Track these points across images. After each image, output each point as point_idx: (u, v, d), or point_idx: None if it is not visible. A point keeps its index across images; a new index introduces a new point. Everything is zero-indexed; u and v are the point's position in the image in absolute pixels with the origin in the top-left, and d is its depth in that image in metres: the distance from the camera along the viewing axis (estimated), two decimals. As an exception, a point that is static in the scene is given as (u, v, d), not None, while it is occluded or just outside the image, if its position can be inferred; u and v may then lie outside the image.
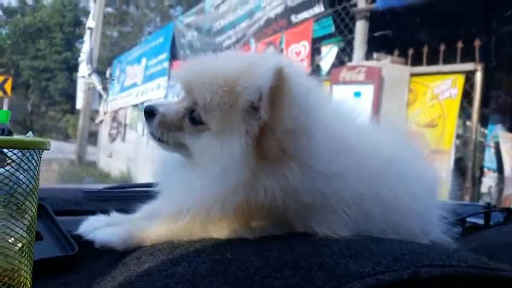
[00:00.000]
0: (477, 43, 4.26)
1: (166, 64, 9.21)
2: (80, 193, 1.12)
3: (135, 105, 10.50)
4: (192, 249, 0.65)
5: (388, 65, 4.84)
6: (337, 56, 5.32)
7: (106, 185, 1.28)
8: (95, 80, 11.73)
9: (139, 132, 10.06)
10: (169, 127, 0.76)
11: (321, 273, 0.55)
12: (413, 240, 0.81)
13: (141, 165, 9.43)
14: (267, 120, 0.69)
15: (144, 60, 10.40)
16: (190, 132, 0.76)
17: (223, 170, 0.70)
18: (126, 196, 1.14)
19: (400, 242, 0.75)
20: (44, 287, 0.69)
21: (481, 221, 1.25)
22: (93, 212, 0.94)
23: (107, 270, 0.68)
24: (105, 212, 0.89)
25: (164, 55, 9.36)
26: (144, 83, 10.18)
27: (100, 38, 12.38)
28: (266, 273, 0.54)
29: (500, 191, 4.64)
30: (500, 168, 4.74)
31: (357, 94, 4.70)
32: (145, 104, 0.78)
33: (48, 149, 0.59)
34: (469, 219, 1.24)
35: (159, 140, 0.78)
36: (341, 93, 4.75)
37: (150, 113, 0.77)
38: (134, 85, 10.71)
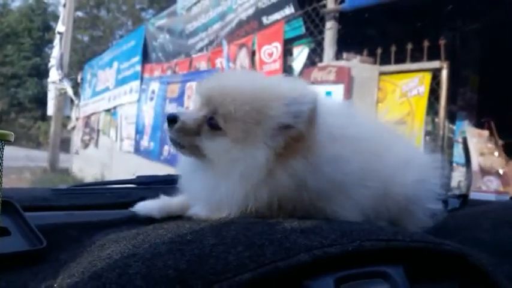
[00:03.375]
0: (442, 41, 4.38)
1: (138, 67, 9.12)
2: (48, 191, 1.13)
3: (108, 110, 10.35)
4: (154, 234, 0.68)
5: (358, 65, 4.93)
6: (308, 57, 5.40)
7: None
8: (66, 85, 11.54)
9: (112, 138, 9.91)
10: (187, 132, 0.86)
11: (271, 248, 0.59)
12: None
13: (115, 171, 9.31)
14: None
15: (115, 64, 10.28)
16: (207, 137, 0.85)
17: (242, 174, 0.80)
18: (93, 193, 1.16)
19: (350, 222, 0.80)
20: (11, 279, 0.71)
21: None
22: (61, 208, 0.96)
23: (73, 259, 0.70)
24: (72, 207, 0.92)
25: (136, 58, 9.26)
26: (116, 87, 10.05)
27: (70, 43, 12.19)
28: (221, 250, 0.58)
29: (468, 184, 4.77)
30: (468, 163, 4.88)
31: (328, 93, 4.78)
32: (168, 113, 0.87)
33: (11, 141, 0.61)
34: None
35: (178, 145, 0.87)
36: (312, 93, 4.81)
37: (172, 120, 0.85)
38: (106, 89, 10.57)
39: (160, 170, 7.09)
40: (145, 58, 9.07)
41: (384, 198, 0.92)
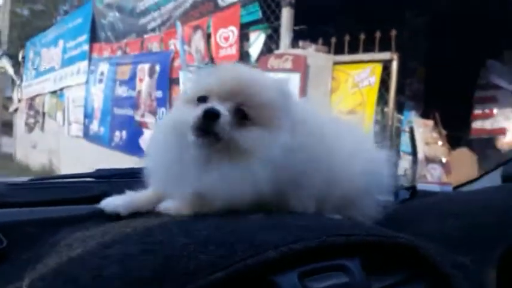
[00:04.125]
0: (393, 33, 4.51)
1: (86, 47, 8.56)
2: (3, 186, 1.09)
3: (54, 92, 9.76)
4: (123, 234, 0.69)
5: (313, 54, 4.99)
6: (265, 43, 5.37)
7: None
8: (6, 63, 10.83)
9: (59, 121, 9.40)
10: (227, 126, 0.87)
11: (241, 245, 0.62)
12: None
13: (63, 157, 8.92)
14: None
15: (61, 43, 9.59)
16: (239, 128, 0.87)
17: (271, 159, 0.85)
18: (50, 187, 1.14)
19: (312, 217, 0.84)
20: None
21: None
22: (18, 204, 0.93)
23: (36, 259, 0.69)
24: (31, 203, 0.90)
25: (83, 37, 8.66)
26: (62, 68, 9.41)
27: (9, 17, 11.43)
28: (193, 249, 0.60)
29: (414, 172, 4.98)
30: (414, 152, 5.09)
31: (285, 82, 4.80)
32: (206, 108, 0.86)
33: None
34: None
35: (216, 138, 0.86)
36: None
37: (213, 115, 0.85)
38: (51, 70, 9.90)
39: (111, 156, 6.90)
40: (94, 37, 8.54)
41: (334, 189, 0.97)
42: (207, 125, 0.85)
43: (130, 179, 1.27)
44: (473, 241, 0.94)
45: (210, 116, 0.85)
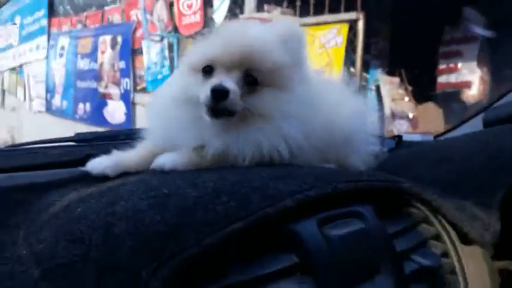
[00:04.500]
0: (359, -8, 4.48)
1: (44, 22, 8.32)
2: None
3: (13, 69, 9.46)
4: (124, 191, 0.64)
5: (279, 17, 4.91)
6: (230, 9, 5.26)
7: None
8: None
9: (20, 98, 9.17)
10: (238, 99, 0.84)
11: (256, 195, 0.58)
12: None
13: (26, 132, 8.69)
14: None
15: (18, 19, 9.30)
16: (253, 95, 0.85)
17: (292, 116, 0.85)
18: (30, 153, 1.06)
19: (315, 167, 0.82)
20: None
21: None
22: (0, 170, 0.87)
23: (28, 223, 0.64)
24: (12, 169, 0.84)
25: (41, 12, 8.41)
26: (21, 44, 9.17)
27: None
28: (206, 201, 0.56)
29: (382, 128, 5.06)
30: (381, 108, 5.16)
31: (251, 45, 4.73)
32: (213, 87, 0.82)
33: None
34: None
35: (230, 113, 0.83)
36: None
37: (223, 93, 0.82)
38: (10, 46, 9.61)
39: (76, 128, 6.75)
40: (52, 12, 8.29)
41: (330, 133, 0.96)
42: (217, 104, 0.82)
43: (111, 141, 1.21)
44: (471, 184, 0.93)
45: (219, 95, 0.81)
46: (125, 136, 1.19)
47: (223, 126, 0.85)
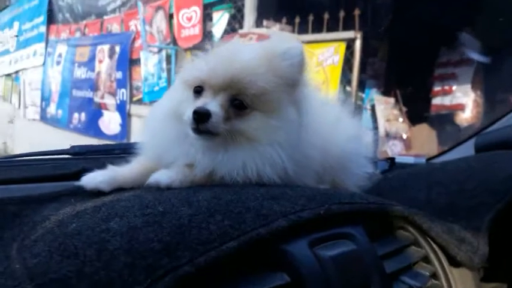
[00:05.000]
0: (357, 12, 4.54)
1: (43, 29, 8.32)
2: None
3: (9, 75, 9.44)
4: (119, 207, 0.64)
5: (277, 33, 4.96)
6: (229, 23, 5.32)
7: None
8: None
9: (14, 105, 9.12)
10: (221, 121, 0.85)
11: (249, 215, 0.59)
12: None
13: (19, 140, 8.63)
14: None
15: (16, 25, 9.30)
16: (240, 119, 0.86)
17: (282, 142, 0.86)
18: (24, 165, 1.06)
19: (309, 188, 0.83)
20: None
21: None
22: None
23: (23, 237, 0.64)
24: (6, 181, 0.84)
25: (40, 19, 8.42)
26: (18, 50, 9.15)
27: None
28: (200, 219, 0.57)
29: (375, 148, 5.07)
30: (375, 128, 5.19)
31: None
32: (195, 109, 0.84)
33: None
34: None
35: (212, 134, 0.85)
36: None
37: (204, 115, 0.83)
38: (6, 52, 9.58)
39: (70, 138, 6.71)
40: (51, 19, 8.31)
41: (325, 155, 0.98)
42: (199, 126, 0.84)
43: (106, 155, 1.22)
44: (461, 207, 0.95)
45: (200, 117, 0.83)
46: (120, 150, 1.20)
47: (210, 144, 0.86)
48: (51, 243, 0.55)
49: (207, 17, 5.42)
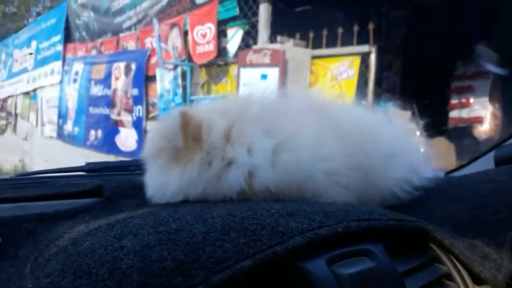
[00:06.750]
0: (371, 26, 4.54)
1: (60, 47, 8.52)
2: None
3: (27, 93, 9.63)
4: (133, 225, 0.64)
5: (291, 48, 4.99)
6: (243, 39, 5.36)
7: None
8: (-23, 65, 10.60)
9: (32, 122, 9.28)
10: None
11: (265, 232, 0.58)
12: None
13: (37, 158, 8.76)
14: None
15: (34, 44, 9.53)
16: None
17: None
18: (40, 182, 1.07)
19: (326, 203, 0.81)
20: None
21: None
22: (9, 200, 0.87)
23: (37, 255, 0.64)
24: (22, 198, 0.85)
25: (57, 37, 8.62)
26: (35, 68, 9.36)
27: (-19, 20, 11.10)
28: (215, 237, 0.56)
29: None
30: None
31: (264, 77, 4.81)
32: None
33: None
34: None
35: None
36: (248, 76, 4.83)
37: None
38: (24, 70, 9.80)
39: (86, 155, 6.78)
40: (68, 37, 8.49)
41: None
42: None
43: (122, 172, 1.22)
44: (483, 223, 0.92)
45: None
46: (136, 167, 1.20)
47: None
48: (64, 262, 0.55)
49: (221, 34, 5.48)
